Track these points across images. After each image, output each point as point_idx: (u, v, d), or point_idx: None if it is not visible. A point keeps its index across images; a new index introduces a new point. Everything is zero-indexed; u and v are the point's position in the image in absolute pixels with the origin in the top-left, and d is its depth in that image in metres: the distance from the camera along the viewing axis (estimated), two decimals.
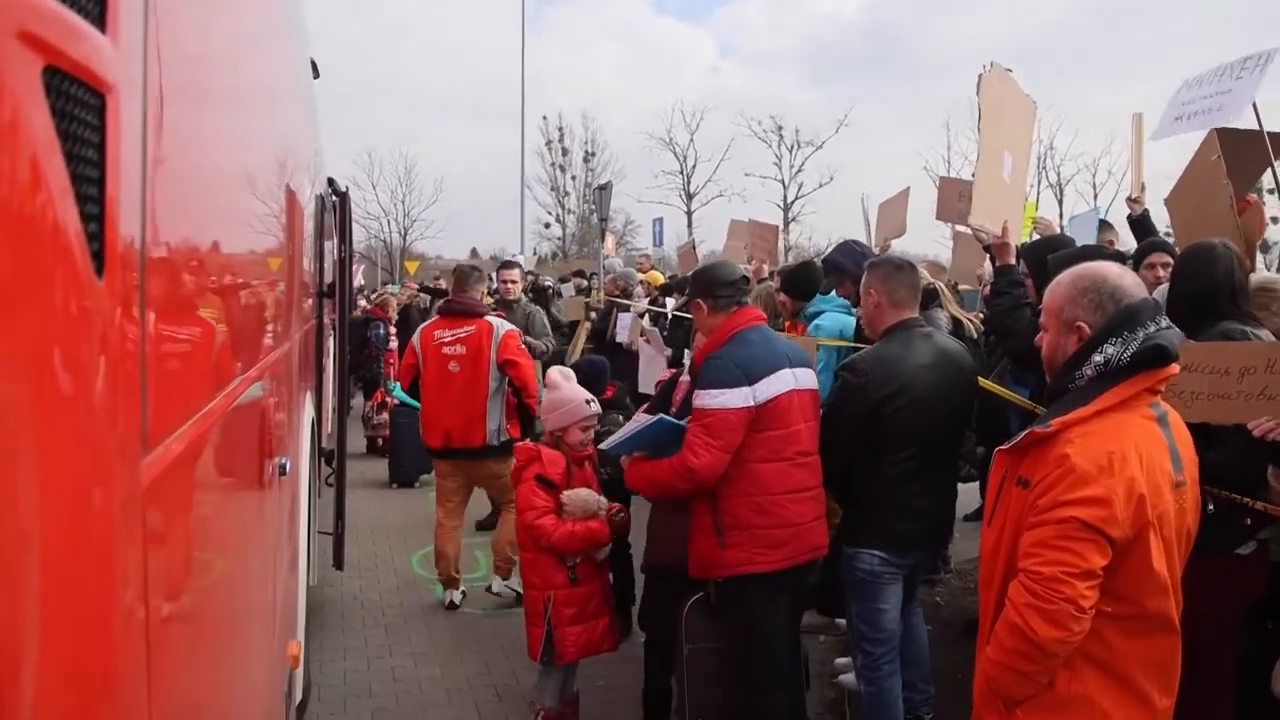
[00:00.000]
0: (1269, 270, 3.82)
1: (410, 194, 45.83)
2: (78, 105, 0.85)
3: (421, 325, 6.59)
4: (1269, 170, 3.82)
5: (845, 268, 5.31)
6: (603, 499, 4.21)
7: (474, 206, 56.61)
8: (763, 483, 3.55)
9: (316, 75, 6.91)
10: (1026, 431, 2.43)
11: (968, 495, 6.11)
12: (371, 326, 11.25)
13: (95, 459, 0.91)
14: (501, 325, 6.25)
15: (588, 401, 4.31)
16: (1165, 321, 2.41)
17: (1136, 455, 2.26)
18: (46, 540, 0.81)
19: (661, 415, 3.75)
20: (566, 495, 4.11)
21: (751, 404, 3.50)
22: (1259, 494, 2.99)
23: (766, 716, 3.72)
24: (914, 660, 4.20)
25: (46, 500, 0.81)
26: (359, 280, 21.86)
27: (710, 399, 3.52)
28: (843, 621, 4.84)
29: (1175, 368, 2.42)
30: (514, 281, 7.75)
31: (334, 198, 6.33)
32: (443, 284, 12.07)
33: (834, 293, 5.54)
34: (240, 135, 2.00)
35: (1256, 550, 3.25)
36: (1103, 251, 4.69)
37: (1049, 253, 4.53)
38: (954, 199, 6.14)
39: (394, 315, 11.82)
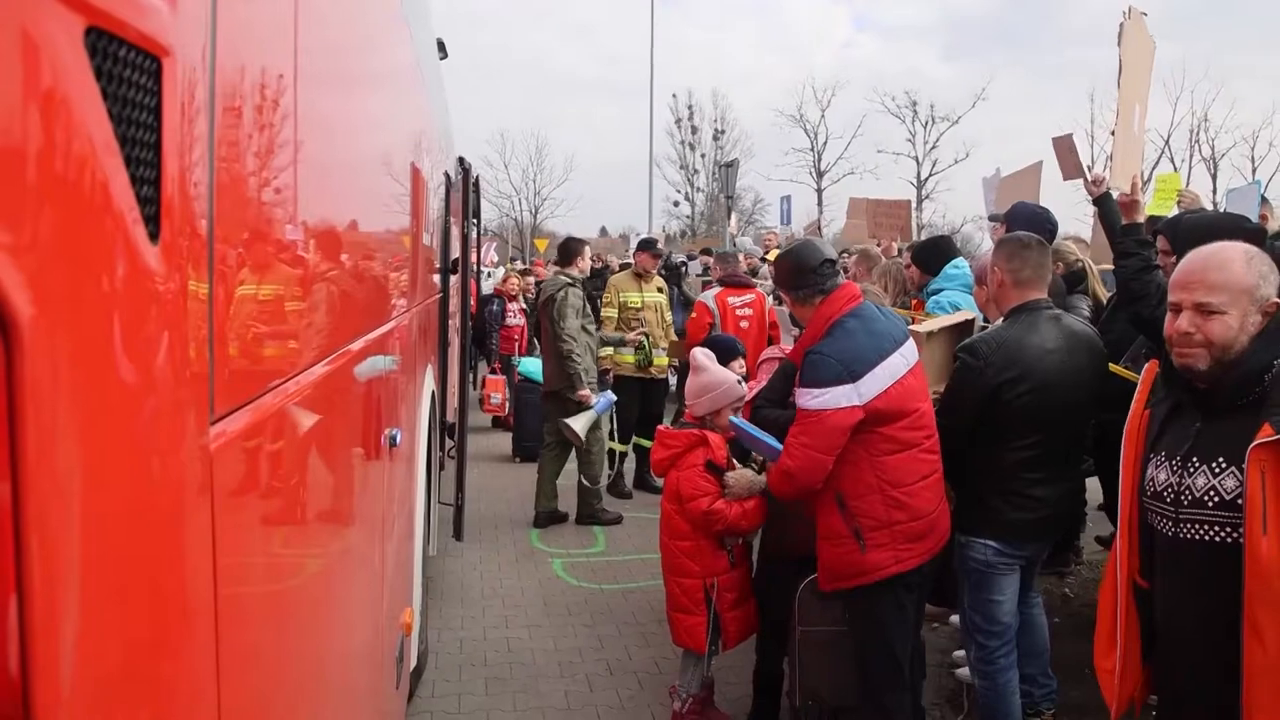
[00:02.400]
0: None
1: (541, 173, 46.77)
2: (129, 68, 0.84)
3: (714, 292, 8.01)
4: None
5: (1017, 216, 5.09)
6: (761, 476, 4.13)
7: (603, 185, 57.23)
8: (895, 476, 3.34)
9: (444, 55, 7.03)
10: None
11: (1097, 484, 5.81)
12: (487, 303, 11.43)
13: (152, 428, 0.91)
14: (769, 298, 7.91)
15: (739, 382, 4.23)
16: None
17: None
18: (103, 508, 0.81)
19: (768, 440, 3.59)
20: (732, 476, 4.05)
21: (857, 403, 3.23)
22: None
23: (887, 715, 3.59)
24: (1034, 653, 4.01)
25: (102, 468, 0.81)
26: (492, 257, 22.26)
27: (811, 399, 3.27)
28: (956, 618, 4.67)
29: None
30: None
31: (462, 176, 6.44)
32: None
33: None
34: (340, 105, 2.01)
35: None
36: (1240, 219, 4.30)
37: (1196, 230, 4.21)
38: (1067, 153, 5.79)
39: (516, 293, 11.97)
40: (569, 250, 7.75)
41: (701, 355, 4.34)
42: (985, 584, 3.68)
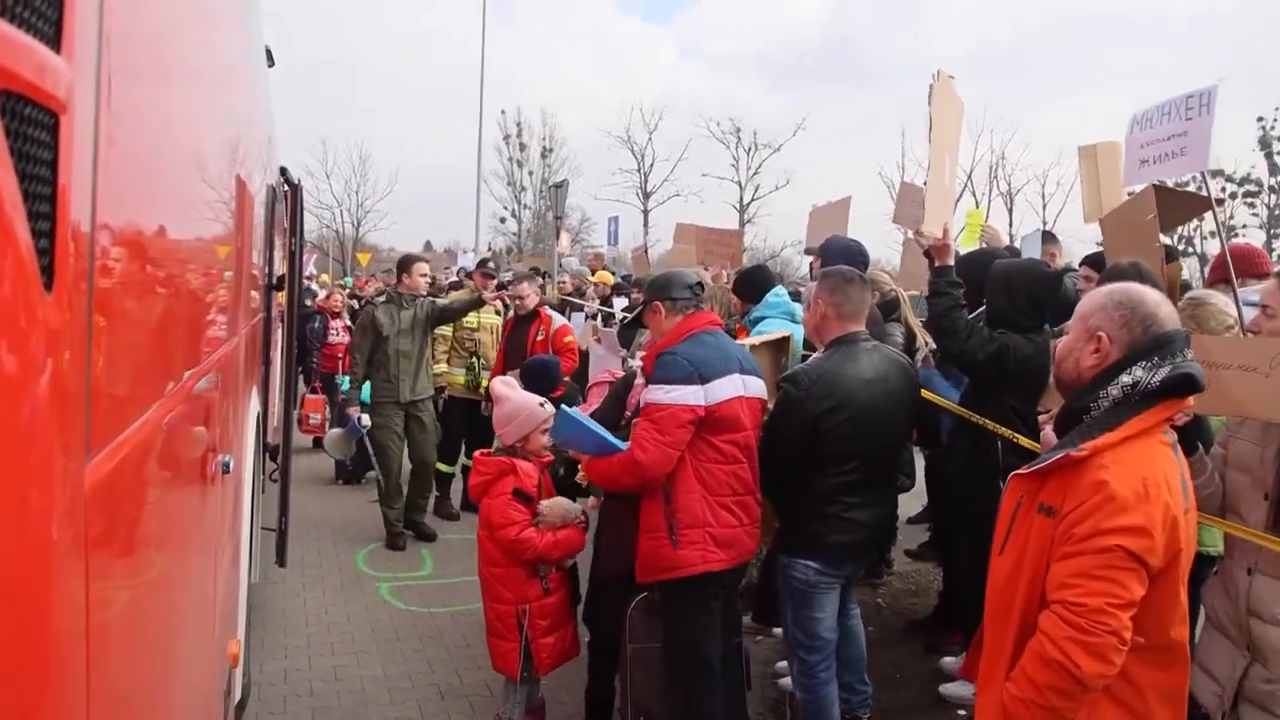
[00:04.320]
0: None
1: (364, 184, 45.47)
2: (31, 125, 0.86)
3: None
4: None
5: (830, 251, 5.38)
6: (577, 505, 4.19)
7: (429, 198, 56.18)
8: (714, 484, 3.61)
9: (271, 63, 6.83)
10: (1059, 454, 2.31)
11: (909, 498, 6.26)
12: (308, 320, 11.03)
13: (38, 468, 0.93)
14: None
15: (541, 404, 4.26)
16: (1191, 354, 2.36)
17: (1164, 481, 2.22)
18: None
19: (604, 435, 3.75)
20: (546, 505, 4.09)
21: (702, 403, 3.52)
22: None
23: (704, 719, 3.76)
24: (851, 661, 4.27)
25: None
26: (311, 270, 21.51)
27: (662, 394, 3.54)
28: (779, 630, 4.92)
29: (1193, 400, 2.38)
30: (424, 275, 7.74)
31: (286, 189, 6.27)
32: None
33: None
34: (194, 140, 2.00)
35: None
36: (1041, 264, 4.83)
37: (982, 264, 4.65)
38: (909, 204, 6.23)
39: (340, 309, 11.64)
40: (399, 266, 7.80)
41: (500, 385, 4.36)
42: (807, 602, 3.91)
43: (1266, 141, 37.04)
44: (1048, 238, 7.16)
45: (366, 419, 7.28)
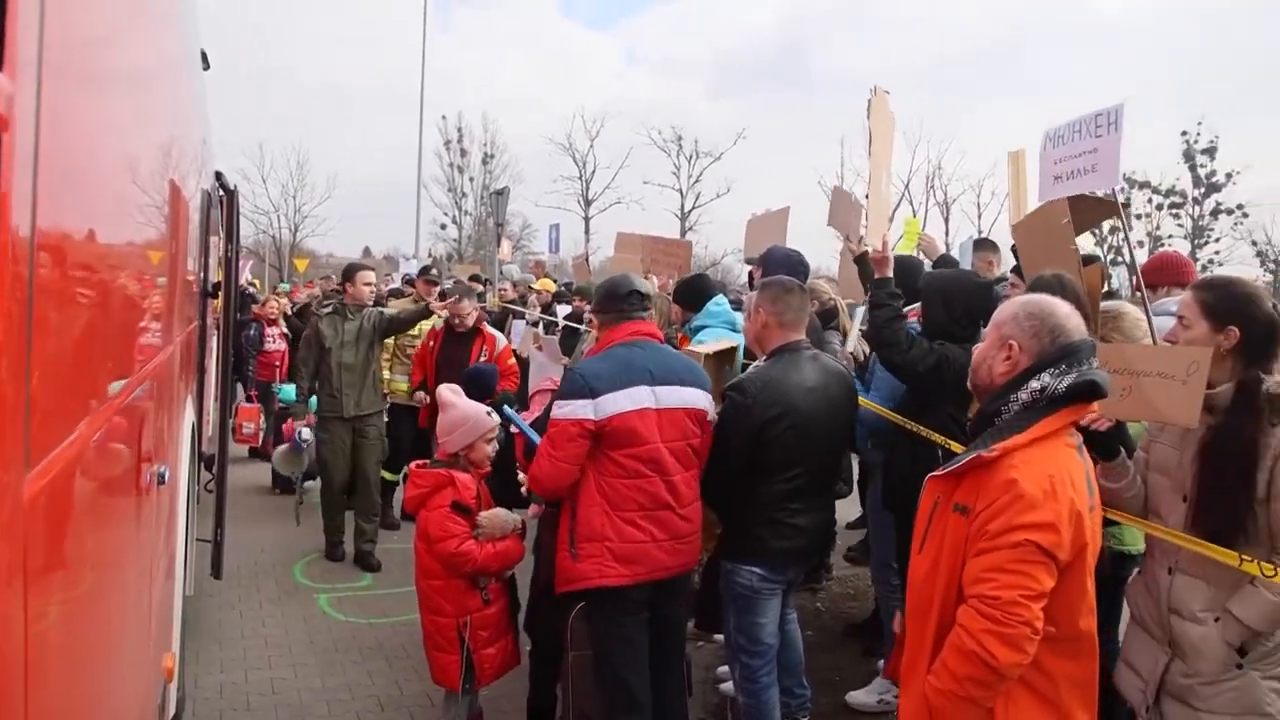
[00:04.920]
0: None
1: (302, 189, 44.76)
2: None
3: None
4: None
5: (772, 259, 5.44)
6: (516, 515, 4.17)
7: (368, 204, 55.52)
8: (616, 499, 3.59)
9: (207, 66, 6.73)
10: (971, 456, 2.42)
11: (846, 504, 6.36)
12: (244, 327, 10.81)
13: None
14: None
15: (487, 413, 4.23)
16: (1097, 362, 2.49)
17: (1069, 480, 2.35)
18: None
19: (533, 438, 3.76)
20: (484, 517, 4.05)
21: (591, 417, 3.52)
22: None
23: None
24: (791, 666, 4.32)
25: None
26: (246, 276, 21.18)
27: (557, 409, 3.60)
28: (720, 636, 4.96)
29: (1098, 405, 2.51)
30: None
31: (221, 194, 6.18)
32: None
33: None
34: (130, 147, 1.98)
35: None
36: (973, 275, 4.97)
37: (906, 274, 4.76)
38: (843, 209, 6.33)
39: (276, 316, 11.45)
40: (343, 275, 7.67)
41: (448, 392, 4.30)
42: (750, 608, 3.95)
43: (1190, 154, 38.40)
44: (986, 245, 7.32)
45: (308, 433, 7.14)
